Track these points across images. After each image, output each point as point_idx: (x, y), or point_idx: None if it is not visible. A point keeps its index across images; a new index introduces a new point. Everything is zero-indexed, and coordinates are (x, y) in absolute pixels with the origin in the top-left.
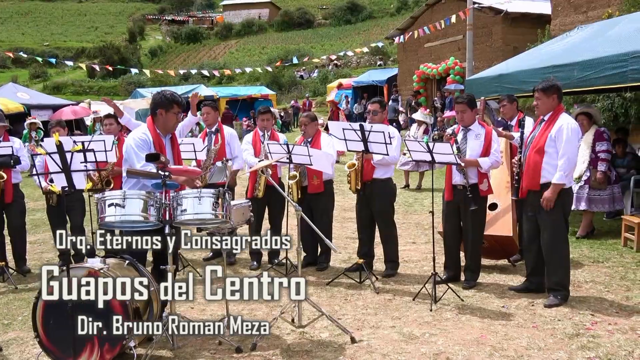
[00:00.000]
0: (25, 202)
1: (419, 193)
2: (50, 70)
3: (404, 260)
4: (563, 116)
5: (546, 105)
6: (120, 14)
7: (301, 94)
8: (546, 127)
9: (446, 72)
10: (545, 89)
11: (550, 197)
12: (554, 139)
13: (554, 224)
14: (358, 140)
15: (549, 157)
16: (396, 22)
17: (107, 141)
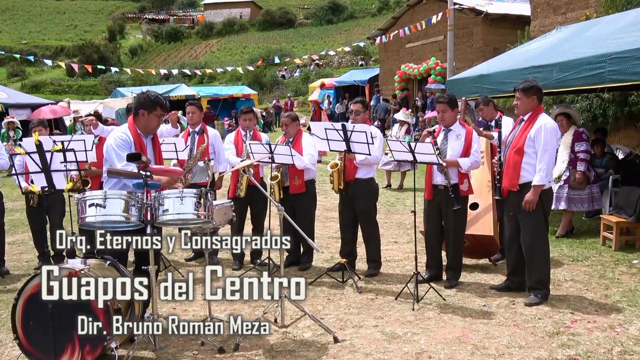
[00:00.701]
0: (4, 203)
1: (401, 193)
2: (28, 69)
3: (386, 259)
4: (542, 117)
5: (526, 105)
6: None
7: (283, 94)
8: (525, 127)
9: (427, 72)
10: (525, 89)
11: (531, 199)
12: (533, 139)
13: (534, 223)
14: (340, 140)
15: (528, 157)
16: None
17: (87, 141)
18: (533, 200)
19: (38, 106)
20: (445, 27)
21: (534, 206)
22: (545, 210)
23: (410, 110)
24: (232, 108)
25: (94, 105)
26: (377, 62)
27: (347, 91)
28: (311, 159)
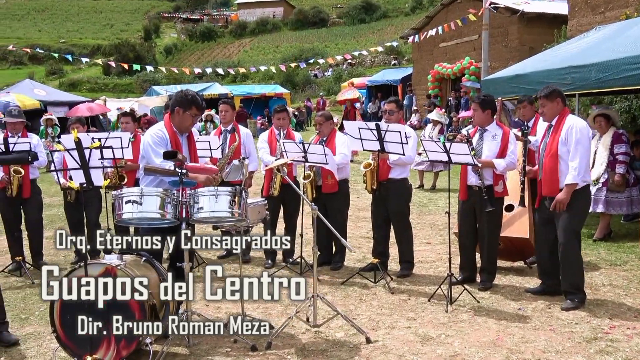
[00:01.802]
0: (42, 198)
1: (434, 193)
2: (66, 67)
3: (419, 260)
4: (569, 118)
5: (551, 110)
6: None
7: (315, 93)
8: (555, 131)
9: (461, 72)
10: (547, 95)
11: (563, 198)
12: (565, 141)
13: (568, 226)
14: (374, 139)
15: (564, 161)
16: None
17: (124, 138)
18: (564, 200)
19: (75, 104)
20: (479, 27)
21: (564, 206)
22: (580, 213)
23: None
24: (264, 107)
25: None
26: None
27: (380, 91)
28: (344, 158)
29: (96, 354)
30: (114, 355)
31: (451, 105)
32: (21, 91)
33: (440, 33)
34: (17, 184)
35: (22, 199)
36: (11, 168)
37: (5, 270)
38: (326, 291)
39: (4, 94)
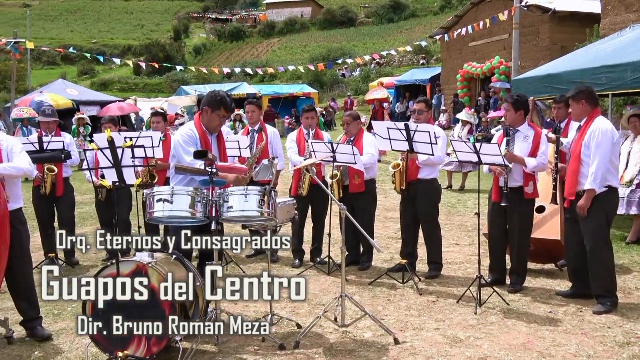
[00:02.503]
0: (74, 196)
1: (462, 194)
2: (97, 67)
3: (447, 262)
4: (596, 120)
5: (576, 111)
6: (166, 12)
7: (343, 93)
8: (581, 133)
9: (491, 71)
10: (573, 96)
11: (582, 204)
12: (587, 144)
13: (595, 229)
14: (403, 139)
15: (585, 164)
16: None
17: (155, 137)
18: (584, 205)
19: (106, 103)
20: (510, 25)
21: (585, 212)
22: (607, 215)
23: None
24: (292, 106)
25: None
26: (438, 60)
27: (408, 90)
28: (371, 158)
29: (127, 350)
30: (145, 352)
31: (480, 105)
32: (54, 91)
33: (469, 32)
34: (51, 182)
35: (55, 197)
36: (45, 166)
37: (39, 266)
38: (354, 291)
39: (37, 93)
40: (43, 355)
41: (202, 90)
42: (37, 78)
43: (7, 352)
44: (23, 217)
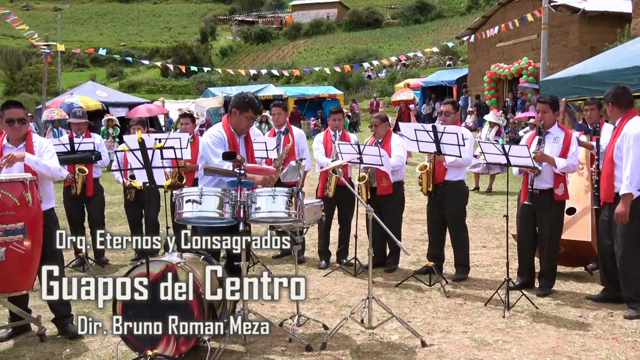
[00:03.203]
0: (104, 196)
1: (489, 196)
2: (126, 69)
3: (475, 264)
4: (630, 122)
5: (611, 112)
6: (193, 15)
7: (369, 94)
8: (614, 135)
9: (519, 72)
10: (606, 96)
11: (622, 211)
12: (620, 147)
13: (628, 233)
14: (430, 141)
15: (619, 167)
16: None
17: (183, 139)
18: (624, 212)
19: (135, 105)
20: (538, 26)
21: (626, 218)
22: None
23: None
24: (318, 108)
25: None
26: (465, 62)
27: (434, 92)
28: (399, 160)
29: (156, 349)
30: (174, 350)
31: (508, 106)
32: (84, 92)
33: (497, 33)
34: (81, 182)
35: (85, 197)
36: (76, 167)
37: (70, 265)
38: (380, 293)
39: (68, 95)
40: (74, 352)
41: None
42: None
43: (39, 350)
44: (55, 217)
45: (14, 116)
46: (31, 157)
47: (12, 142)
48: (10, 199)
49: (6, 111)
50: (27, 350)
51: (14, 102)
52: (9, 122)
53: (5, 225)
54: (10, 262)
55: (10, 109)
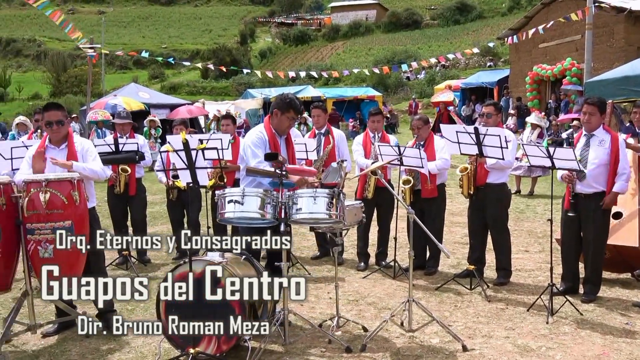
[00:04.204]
0: (147, 196)
1: (531, 199)
2: (167, 71)
3: (517, 268)
4: None
5: None
6: (233, 17)
7: (407, 95)
8: None
9: (562, 73)
10: None
11: None
12: None
13: None
14: (472, 143)
15: None
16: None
17: (224, 139)
18: None
19: (176, 106)
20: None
21: None
22: None
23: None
24: (356, 109)
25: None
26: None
27: (474, 93)
28: (445, 163)
29: (198, 347)
30: (215, 349)
31: (550, 108)
32: (127, 94)
33: (540, 33)
34: (124, 182)
35: (128, 197)
36: (119, 166)
37: (113, 263)
38: (420, 296)
39: (111, 96)
40: (117, 348)
41: (268, 94)
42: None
43: (84, 345)
44: (96, 216)
45: (52, 119)
46: (78, 165)
47: (54, 143)
48: (59, 197)
49: (45, 114)
50: (72, 345)
51: (53, 104)
52: (47, 124)
53: (54, 223)
54: (59, 259)
55: (49, 112)
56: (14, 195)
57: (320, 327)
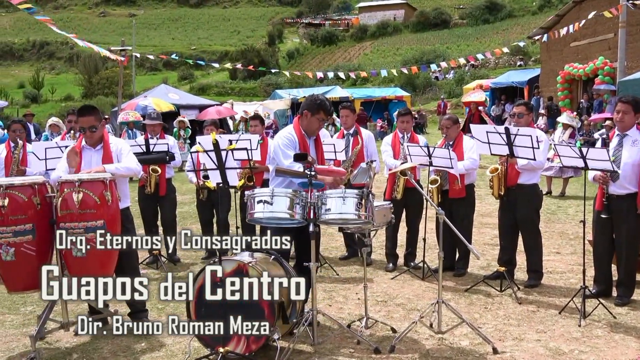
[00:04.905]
0: (176, 196)
1: (563, 200)
2: (196, 73)
3: (548, 270)
4: None
5: None
6: (261, 18)
7: (436, 96)
8: None
9: (594, 72)
10: None
11: None
12: None
13: None
14: (502, 143)
15: None
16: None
17: (253, 140)
18: None
19: (205, 107)
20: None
21: None
22: None
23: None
24: (384, 110)
25: (254, 107)
26: (537, 62)
27: (504, 93)
28: (473, 163)
29: (228, 346)
30: (244, 349)
31: (582, 108)
32: (157, 95)
33: (572, 32)
34: (155, 182)
35: (158, 197)
36: (149, 167)
37: (144, 262)
38: (449, 298)
39: (142, 97)
40: (149, 347)
41: (296, 94)
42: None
43: (116, 343)
44: (130, 216)
45: (84, 125)
46: (110, 167)
47: (89, 145)
48: (91, 197)
49: (79, 119)
50: (104, 343)
51: (86, 109)
52: (81, 129)
53: (87, 222)
54: (91, 258)
55: (82, 118)
56: (48, 195)
57: (349, 328)
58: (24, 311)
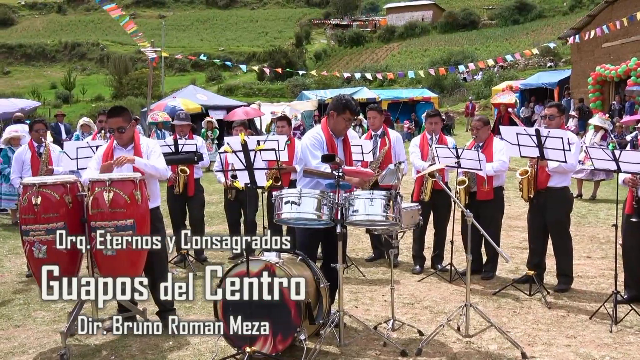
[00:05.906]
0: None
1: (593, 204)
2: (224, 74)
3: (578, 275)
4: None
5: None
6: (289, 20)
7: (464, 97)
8: None
9: (626, 73)
10: None
11: None
12: None
13: None
14: (533, 145)
15: None
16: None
17: (281, 141)
18: None
19: (232, 108)
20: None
21: None
22: None
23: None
24: (412, 111)
25: (281, 107)
26: (567, 63)
27: (533, 94)
28: (502, 165)
29: (255, 346)
30: (271, 349)
31: (614, 109)
32: (185, 96)
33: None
34: (183, 182)
35: (187, 197)
36: (178, 167)
37: (172, 261)
38: (477, 301)
39: (170, 98)
40: (176, 345)
41: (323, 95)
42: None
43: (145, 341)
44: (160, 215)
45: (112, 126)
46: (140, 160)
47: (120, 145)
48: (122, 196)
49: (108, 120)
50: (133, 341)
51: (115, 110)
52: (110, 130)
53: (117, 221)
54: (121, 257)
55: (112, 119)
56: (79, 194)
57: (376, 330)
58: (54, 308)
